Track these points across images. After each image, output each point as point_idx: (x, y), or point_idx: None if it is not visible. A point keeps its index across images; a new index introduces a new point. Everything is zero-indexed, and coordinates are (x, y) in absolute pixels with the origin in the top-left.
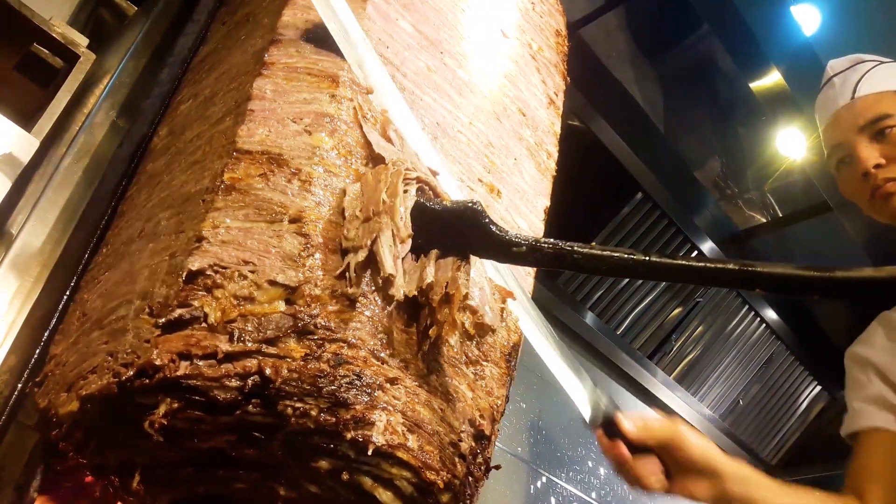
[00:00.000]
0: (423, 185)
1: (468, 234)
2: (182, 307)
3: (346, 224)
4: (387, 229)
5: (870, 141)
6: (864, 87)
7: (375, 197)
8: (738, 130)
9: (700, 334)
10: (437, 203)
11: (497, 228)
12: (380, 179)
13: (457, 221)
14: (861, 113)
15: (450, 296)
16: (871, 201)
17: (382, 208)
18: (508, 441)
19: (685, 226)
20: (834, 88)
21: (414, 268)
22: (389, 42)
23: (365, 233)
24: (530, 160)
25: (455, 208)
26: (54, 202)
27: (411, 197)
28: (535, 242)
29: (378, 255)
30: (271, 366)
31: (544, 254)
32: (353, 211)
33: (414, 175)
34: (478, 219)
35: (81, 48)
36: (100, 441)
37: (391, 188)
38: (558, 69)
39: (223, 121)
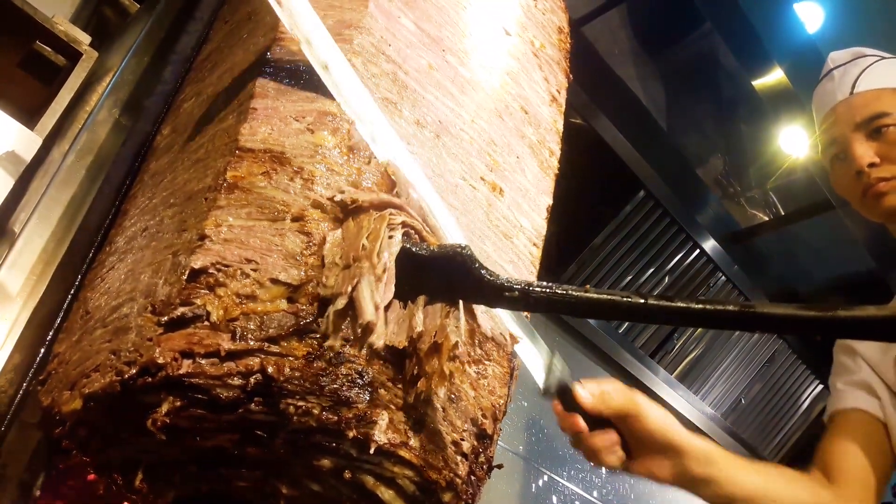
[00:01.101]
0: (410, 229)
1: (457, 279)
2: (185, 305)
3: (325, 272)
4: (368, 274)
5: (865, 138)
6: (863, 83)
7: (356, 243)
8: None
9: (702, 333)
10: (425, 248)
11: (488, 273)
12: (362, 226)
13: (445, 267)
14: (858, 109)
15: (438, 345)
16: (863, 199)
17: (363, 254)
18: (510, 439)
19: (687, 224)
20: (833, 81)
21: (402, 315)
22: (391, 40)
23: (345, 279)
24: (533, 158)
25: (443, 254)
26: (57, 200)
27: (396, 242)
28: (527, 287)
29: (358, 302)
30: (273, 364)
31: (538, 299)
32: (333, 258)
33: (399, 220)
34: (467, 264)
35: (84, 46)
36: (103, 439)
37: (373, 234)
38: (560, 66)
39: (226, 119)
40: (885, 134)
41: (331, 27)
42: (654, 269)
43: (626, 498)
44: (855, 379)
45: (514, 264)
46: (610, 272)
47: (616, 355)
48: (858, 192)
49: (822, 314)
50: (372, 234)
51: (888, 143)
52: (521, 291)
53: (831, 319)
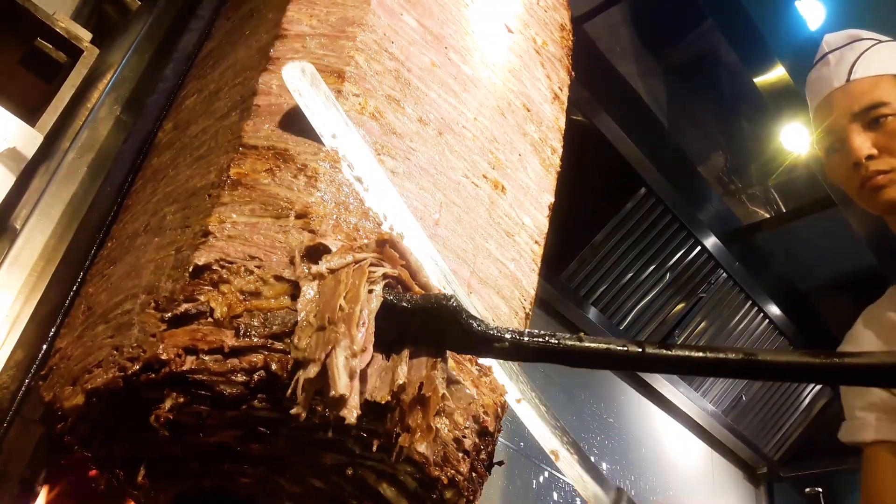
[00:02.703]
0: (391, 279)
1: (444, 329)
2: (188, 302)
3: (298, 332)
4: (343, 340)
5: (863, 129)
6: (860, 70)
7: (332, 303)
8: (742, 125)
9: (703, 330)
10: (409, 299)
11: (476, 323)
12: (339, 280)
13: (430, 317)
14: (856, 98)
15: (424, 398)
16: (860, 192)
17: (339, 316)
18: (511, 436)
19: (688, 221)
20: (828, 66)
21: (385, 367)
22: (394, 37)
23: (318, 344)
24: (535, 156)
25: (428, 306)
26: (58, 197)
27: (377, 297)
28: (518, 337)
29: (331, 371)
30: (277, 361)
31: (529, 348)
32: (307, 317)
33: (380, 272)
34: (454, 317)
35: (85, 43)
36: (105, 435)
37: (351, 291)
38: (562, 64)
39: (229, 116)
40: (883, 124)
41: (333, 25)
42: (655, 265)
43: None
44: (871, 401)
45: (516, 262)
46: (611, 269)
47: None
48: (856, 184)
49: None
50: (350, 291)
51: (886, 134)
52: (511, 342)
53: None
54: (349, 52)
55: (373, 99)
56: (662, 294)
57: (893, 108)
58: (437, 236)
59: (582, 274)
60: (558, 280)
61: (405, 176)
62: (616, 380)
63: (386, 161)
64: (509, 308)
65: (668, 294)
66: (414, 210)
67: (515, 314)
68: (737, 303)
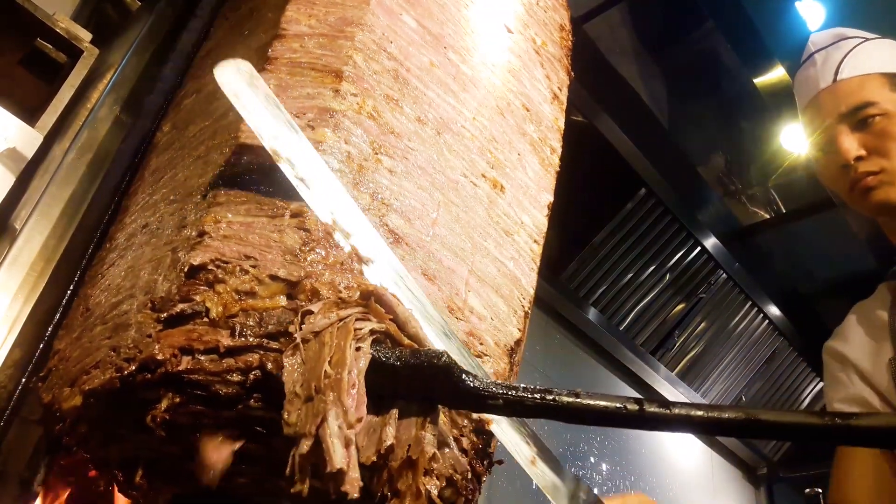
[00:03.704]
0: (380, 335)
1: (434, 385)
2: (184, 302)
3: (286, 406)
4: (333, 409)
5: (851, 130)
6: (846, 69)
7: (318, 369)
8: (742, 126)
9: (703, 330)
10: (398, 355)
11: (470, 379)
12: (324, 343)
13: (420, 374)
14: (843, 99)
15: (413, 461)
16: (851, 193)
17: (327, 384)
18: None
19: (688, 222)
20: (815, 66)
21: (372, 425)
22: (393, 37)
23: (308, 416)
24: (534, 155)
25: (419, 364)
26: (58, 197)
27: (365, 355)
28: (512, 394)
29: (325, 444)
30: (273, 361)
31: (525, 406)
32: (294, 387)
33: (367, 329)
34: (446, 374)
35: (85, 43)
36: (103, 435)
37: (337, 354)
38: (562, 64)
39: (226, 115)
40: (871, 125)
41: (332, 24)
42: (654, 266)
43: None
44: (850, 394)
45: (515, 261)
46: (611, 270)
47: (617, 353)
48: (846, 186)
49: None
50: (336, 354)
51: (874, 135)
52: (505, 399)
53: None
54: (347, 51)
55: (371, 98)
56: (662, 295)
57: (881, 107)
58: (436, 235)
59: (582, 275)
60: (558, 281)
61: (403, 175)
62: (615, 380)
63: (384, 160)
64: (508, 307)
65: (668, 295)
66: (412, 209)
67: (514, 313)
68: (736, 303)
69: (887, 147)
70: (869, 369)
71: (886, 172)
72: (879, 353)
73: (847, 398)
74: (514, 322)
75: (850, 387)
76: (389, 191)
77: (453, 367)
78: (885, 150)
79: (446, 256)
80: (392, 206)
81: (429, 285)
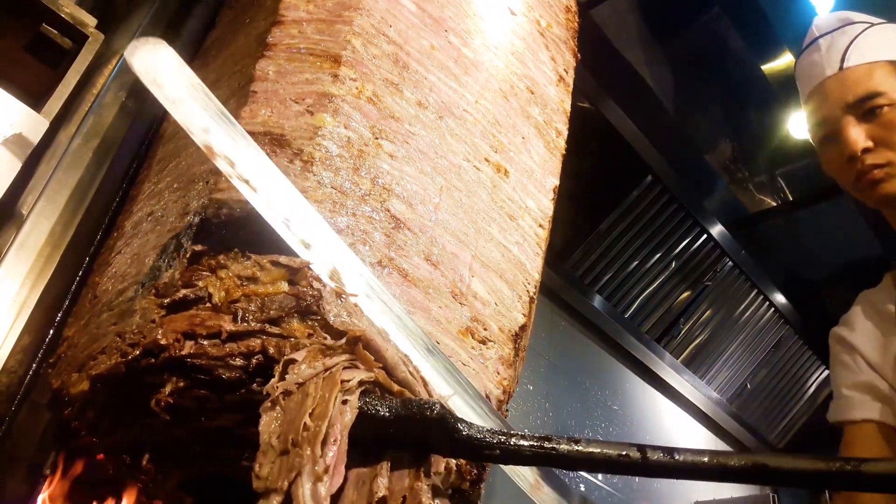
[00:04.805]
0: (369, 385)
1: (428, 435)
2: (186, 287)
3: (259, 457)
4: (308, 465)
5: (858, 121)
6: (853, 56)
7: (297, 421)
8: (750, 113)
9: (708, 318)
10: (388, 406)
11: (465, 429)
12: (307, 394)
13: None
14: (850, 88)
15: None
16: (856, 185)
17: (304, 437)
18: (516, 423)
19: (695, 209)
20: (819, 52)
21: (362, 477)
22: (392, 21)
23: (281, 471)
24: (539, 138)
25: (409, 414)
26: (64, 183)
27: (352, 409)
28: (509, 443)
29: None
30: (274, 345)
31: (522, 455)
32: (269, 438)
33: (355, 380)
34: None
35: (90, 28)
36: (110, 420)
37: (320, 406)
38: (568, 46)
39: (227, 103)
40: (878, 116)
41: (330, 9)
42: (660, 254)
43: (630, 481)
44: (859, 381)
45: (520, 246)
46: (616, 257)
47: (622, 340)
48: (851, 178)
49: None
50: (318, 407)
51: (882, 126)
52: (502, 450)
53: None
54: (346, 36)
55: (370, 83)
56: (668, 282)
57: (889, 97)
58: (438, 220)
59: (587, 262)
60: (563, 268)
61: (404, 160)
62: (621, 367)
63: (384, 145)
64: (512, 292)
65: (674, 282)
66: (414, 194)
67: (519, 298)
68: (742, 291)
69: (895, 139)
70: (877, 361)
71: (894, 165)
72: (888, 346)
73: (856, 385)
74: (518, 307)
75: (858, 374)
76: (390, 176)
77: (447, 417)
78: (892, 141)
79: (449, 241)
80: (393, 191)
81: (432, 270)
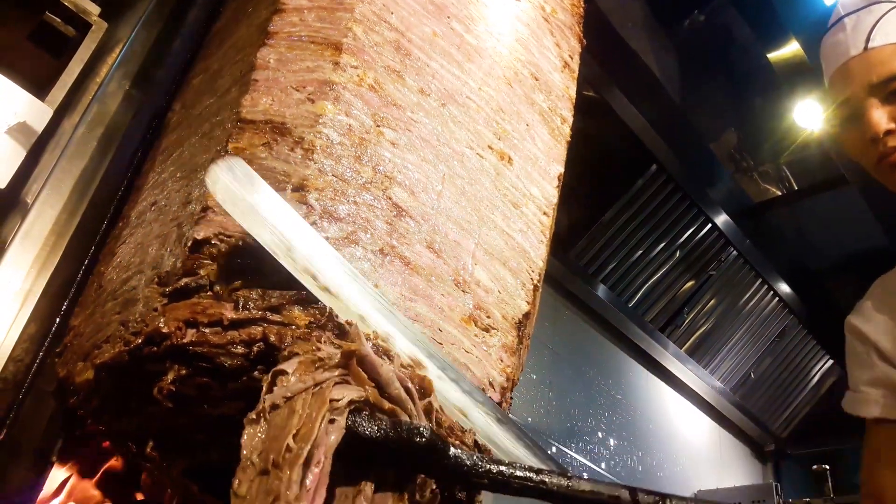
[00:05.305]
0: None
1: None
2: (188, 276)
3: (238, 473)
4: (286, 490)
5: (882, 102)
6: (878, 37)
7: (280, 440)
8: (755, 102)
9: (712, 307)
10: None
11: (454, 455)
12: (294, 411)
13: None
14: (874, 68)
15: None
16: (878, 167)
17: (286, 459)
18: (519, 411)
19: (700, 199)
20: (844, 32)
21: (346, 493)
22: (394, 8)
23: (259, 492)
24: (543, 125)
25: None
26: (69, 171)
27: (338, 430)
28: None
29: None
30: (275, 333)
31: (512, 486)
32: (251, 454)
33: (345, 399)
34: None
35: (93, 17)
36: (115, 408)
37: (305, 426)
38: (573, 31)
39: (229, 92)
40: None
41: None
42: (665, 243)
43: (633, 470)
44: (876, 376)
45: (524, 233)
46: (620, 246)
47: (625, 329)
48: (873, 160)
49: None
50: (304, 427)
51: None
52: (491, 479)
53: None
54: (347, 23)
55: (371, 70)
56: (672, 272)
57: None
58: (441, 208)
59: (591, 251)
60: (568, 257)
61: (406, 147)
62: (625, 357)
63: (386, 133)
64: (516, 279)
65: (678, 272)
66: (416, 182)
67: (523, 285)
68: (746, 281)
69: None
70: (889, 349)
71: None
72: None
73: (872, 381)
74: (522, 295)
75: (875, 367)
76: (392, 164)
77: (436, 443)
78: None
79: (452, 229)
80: (395, 178)
81: (434, 258)
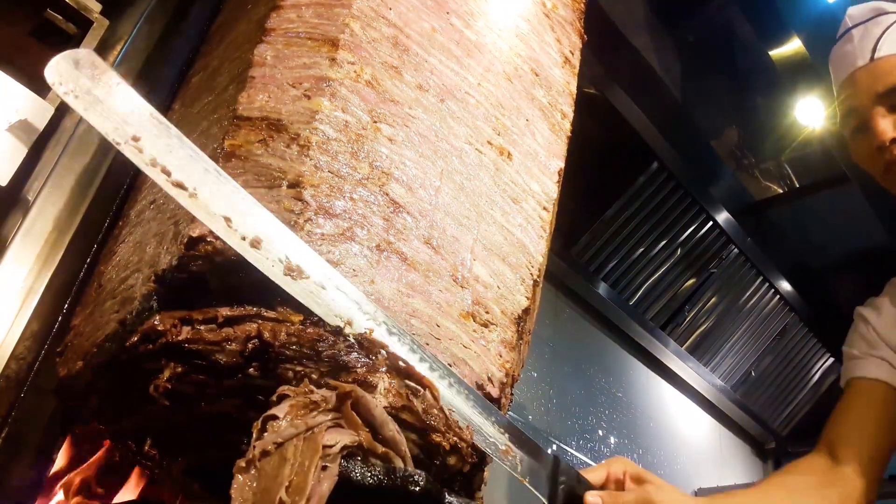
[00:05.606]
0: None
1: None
2: (183, 273)
3: None
4: None
5: (888, 111)
6: (884, 47)
7: (272, 493)
8: (757, 99)
9: (713, 305)
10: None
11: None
12: (285, 459)
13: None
14: (880, 78)
15: None
16: (885, 175)
17: None
18: (519, 409)
19: (701, 196)
20: (852, 43)
21: None
22: (392, 3)
23: None
24: (543, 121)
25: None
26: (70, 169)
27: (331, 478)
28: None
29: None
30: (270, 330)
31: None
32: None
33: (338, 445)
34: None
35: (95, 14)
36: (114, 407)
37: (298, 477)
38: (574, 27)
39: (227, 89)
40: None
41: None
42: (666, 241)
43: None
44: (874, 352)
45: (523, 229)
46: (622, 244)
47: (626, 327)
48: (880, 168)
49: None
50: (297, 477)
51: None
52: None
53: None
54: (344, 19)
55: (369, 66)
56: (673, 269)
57: None
58: (439, 204)
59: (592, 249)
60: (569, 255)
61: (404, 143)
62: (625, 354)
63: (383, 129)
64: (515, 275)
65: (679, 270)
66: (414, 178)
67: (522, 281)
68: (748, 279)
69: None
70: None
71: None
72: None
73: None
74: (521, 290)
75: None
76: (389, 160)
77: (431, 491)
78: None
79: (450, 225)
80: (392, 174)
81: (432, 254)
